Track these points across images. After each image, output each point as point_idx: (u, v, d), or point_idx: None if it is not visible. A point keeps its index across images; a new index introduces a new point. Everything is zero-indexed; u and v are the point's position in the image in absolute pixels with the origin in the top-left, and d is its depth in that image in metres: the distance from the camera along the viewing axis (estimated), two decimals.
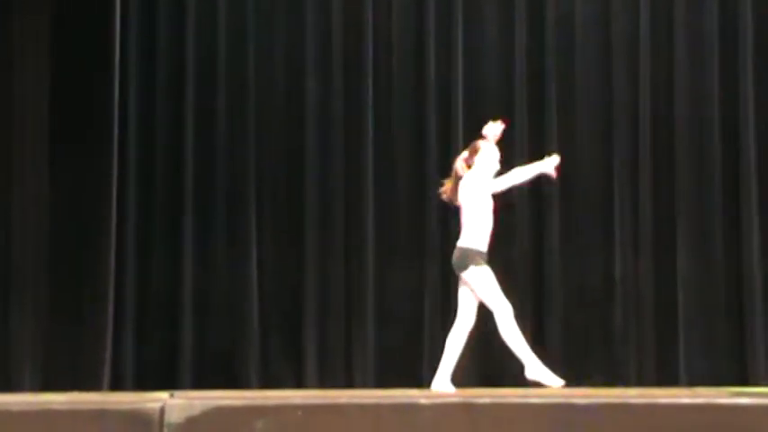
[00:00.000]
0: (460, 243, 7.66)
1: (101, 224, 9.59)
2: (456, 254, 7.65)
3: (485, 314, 7.58)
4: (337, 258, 9.96)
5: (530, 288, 9.88)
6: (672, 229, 10.03)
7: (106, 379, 9.44)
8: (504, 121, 7.83)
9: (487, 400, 5.52)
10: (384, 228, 10.00)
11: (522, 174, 7.74)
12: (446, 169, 9.92)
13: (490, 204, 7.69)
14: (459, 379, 7.63)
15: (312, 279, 9.93)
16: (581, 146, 10.07)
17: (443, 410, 5.50)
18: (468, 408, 5.52)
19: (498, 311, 7.46)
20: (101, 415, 5.38)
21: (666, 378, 9.71)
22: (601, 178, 10.14)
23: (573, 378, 8.09)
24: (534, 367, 7.39)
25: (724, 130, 10.08)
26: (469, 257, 7.55)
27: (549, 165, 7.77)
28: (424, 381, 9.49)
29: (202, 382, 9.47)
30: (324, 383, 9.74)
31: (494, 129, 7.78)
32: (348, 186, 10.03)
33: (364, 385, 9.66)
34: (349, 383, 9.76)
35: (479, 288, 7.52)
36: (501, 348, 7.61)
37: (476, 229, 7.61)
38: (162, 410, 5.31)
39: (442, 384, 7.56)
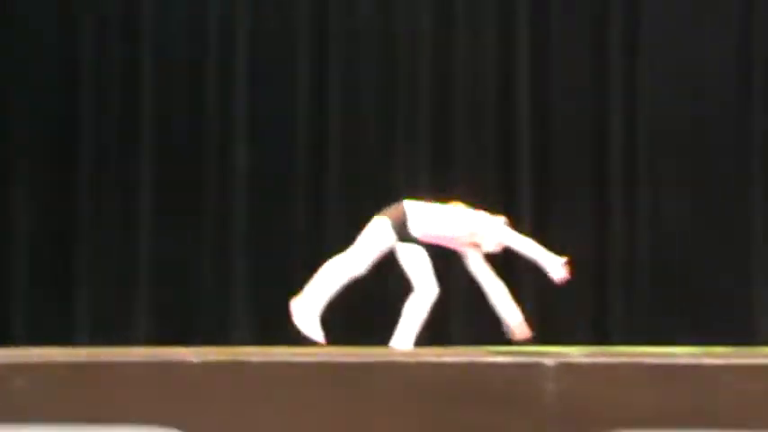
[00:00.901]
0: (409, 208, 7.41)
1: None
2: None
3: None
4: (112, 214, 9.74)
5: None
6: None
7: None
8: None
9: (256, 359, 5.49)
10: (162, 175, 9.78)
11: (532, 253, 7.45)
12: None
13: (472, 228, 7.38)
14: None
15: (85, 236, 9.66)
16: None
17: (212, 369, 5.43)
18: (238, 366, 5.48)
19: (421, 290, 7.35)
20: None
21: None
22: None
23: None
24: (399, 342, 7.32)
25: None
26: (406, 231, 7.36)
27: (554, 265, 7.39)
28: (196, 341, 9.45)
29: None
30: (96, 341, 9.52)
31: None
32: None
33: (137, 344, 9.50)
34: (122, 342, 9.57)
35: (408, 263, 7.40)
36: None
37: (438, 218, 7.40)
38: None
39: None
